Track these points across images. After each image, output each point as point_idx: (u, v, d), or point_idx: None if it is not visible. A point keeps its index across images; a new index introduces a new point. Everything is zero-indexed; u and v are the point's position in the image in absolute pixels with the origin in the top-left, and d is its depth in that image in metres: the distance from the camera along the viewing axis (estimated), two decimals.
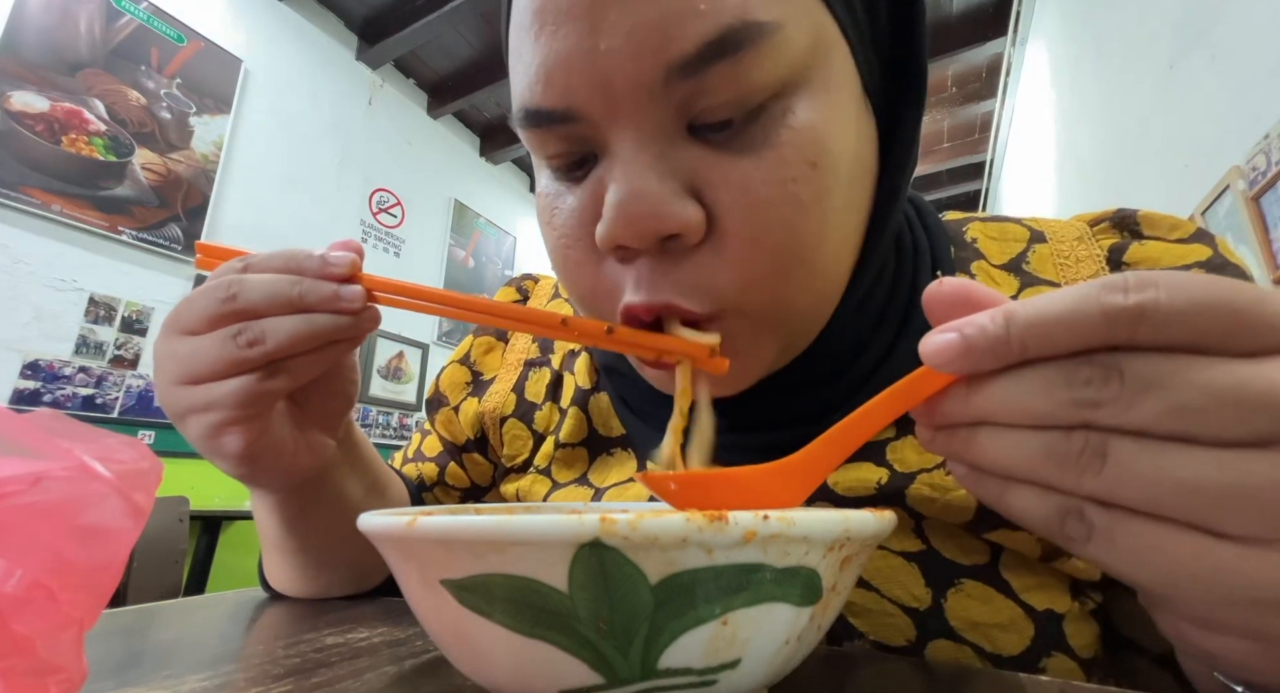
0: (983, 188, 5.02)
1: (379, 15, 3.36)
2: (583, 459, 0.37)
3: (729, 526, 0.14)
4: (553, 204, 0.26)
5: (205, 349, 0.25)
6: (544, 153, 0.26)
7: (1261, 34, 1.49)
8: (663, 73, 0.21)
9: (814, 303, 0.27)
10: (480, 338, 0.45)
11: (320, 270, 0.25)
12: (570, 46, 0.22)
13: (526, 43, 0.23)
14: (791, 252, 0.23)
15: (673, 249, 0.24)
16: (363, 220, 3.41)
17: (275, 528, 0.35)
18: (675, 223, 0.22)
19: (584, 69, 0.22)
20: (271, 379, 0.25)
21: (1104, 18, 2.37)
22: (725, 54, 0.21)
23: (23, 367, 2.06)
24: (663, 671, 0.15)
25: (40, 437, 0.14)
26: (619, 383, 0.36)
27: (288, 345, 0.25)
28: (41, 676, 0.13)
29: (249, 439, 0.26)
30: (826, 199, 0.23)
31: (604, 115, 0.23)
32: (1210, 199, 1.72)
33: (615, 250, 0.24)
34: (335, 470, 0.34)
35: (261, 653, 0.25)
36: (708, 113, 0.22)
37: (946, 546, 0.28)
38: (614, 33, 0.21)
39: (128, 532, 0.14)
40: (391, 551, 0.17)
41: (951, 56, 3.43)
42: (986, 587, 0.27)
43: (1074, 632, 0.26)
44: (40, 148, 2.13)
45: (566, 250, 0.26)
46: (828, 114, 0.23)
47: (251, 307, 0.25)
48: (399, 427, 3.45)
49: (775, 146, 0.22)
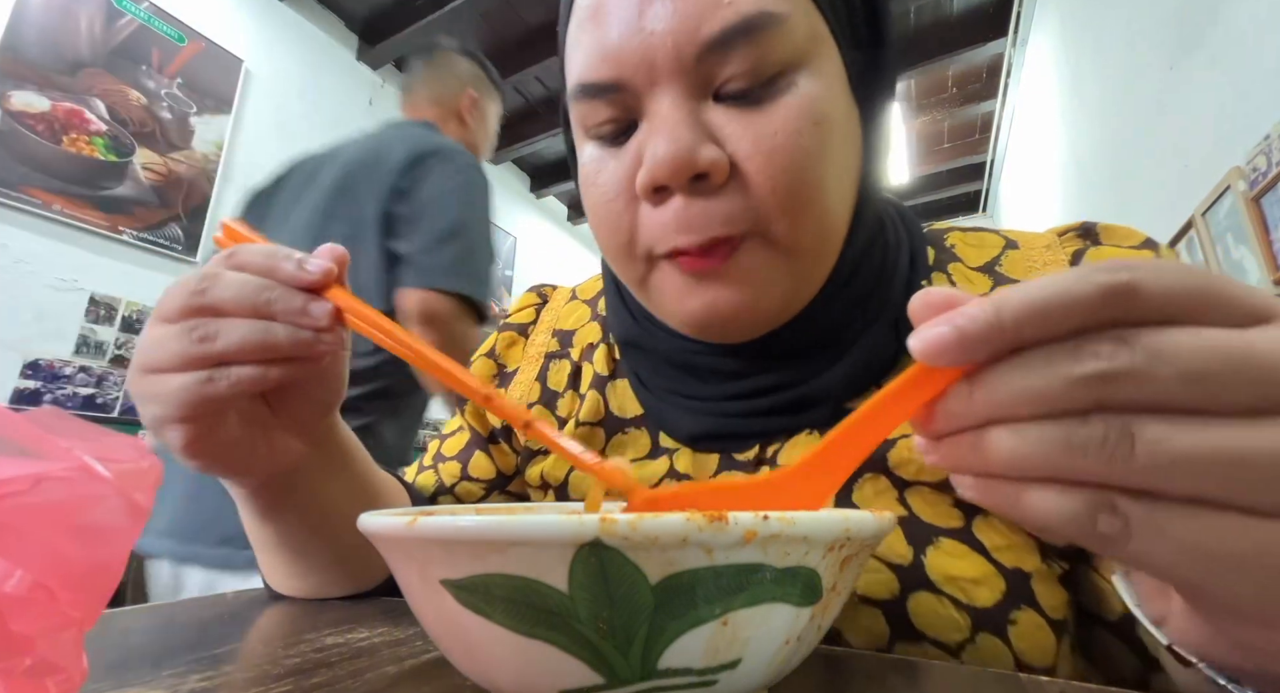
0: (983, 188, 5.02)
1: (380, 16, 3.36)
2: (600, 438, 0.40)
3: (729, 526, 0.14)
4: (597, 168, 0.31)
5: (165, 339, 0.25)
6: (593, 122, 0.31)
7: (1261, 34, 1.49)
8: (695, 49, 0.27)
9: (818, 245, 0.31)
10: (503, 333, 0.48)
11: (293, 275, 0.25)
12: (621, 32, 0.28)
13: (586, 32, 0.30)
14: (800, 191, 0.28)
15: (701, 189, 0.28)
16: None
17: (247, 520, 0.35)
18: (705, 162, 0.27)
19: (632, 49, 0.28)
20: (213, 384, 0.25)
21: (1104, 18, 2.37)
22: (745, 35, 0.27)
23: (23, 366, 2.06)
24: (663, 671, 0.15)
25: (40, 437, 0.14)
26: (635, 357, 0.39)
27: (236, 348, 0.25)
28: (41, 676, 0.13)
29: (189, 437, 0.26)
30: (826, 152, 0.29)
31: (646, 85, 0.28)
32: (1211, 200, 1.72)
33: (653, 195, 0.29)
34: (310, 473, 0.33)
35: (261, 653, 0.25)
36: (730, 82, 0.28)
37: (925, 511, 0.30)
38: (658, 20, 0.27)
39: (128, 532, 0.14)
40: (391, 550, 0.17)
41: (952, 57, 3.43)
42: (962, 545, 0.29)
43: (1042, 592, 0.29)
44: (41, 148, 2.13)
45: (609, 204, 0.31)
46: (824, 89, 0.29)
47: (218, 303, 0.25)
48: None
49: (784, 107, 0.28)
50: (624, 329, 0.40)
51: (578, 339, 0.45)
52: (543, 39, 3.44)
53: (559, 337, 0.46)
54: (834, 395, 0.33)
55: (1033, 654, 0.27)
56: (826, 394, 0.33)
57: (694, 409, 0.36)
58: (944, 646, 0.28)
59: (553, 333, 0.46)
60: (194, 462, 0.28)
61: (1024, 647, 0.27)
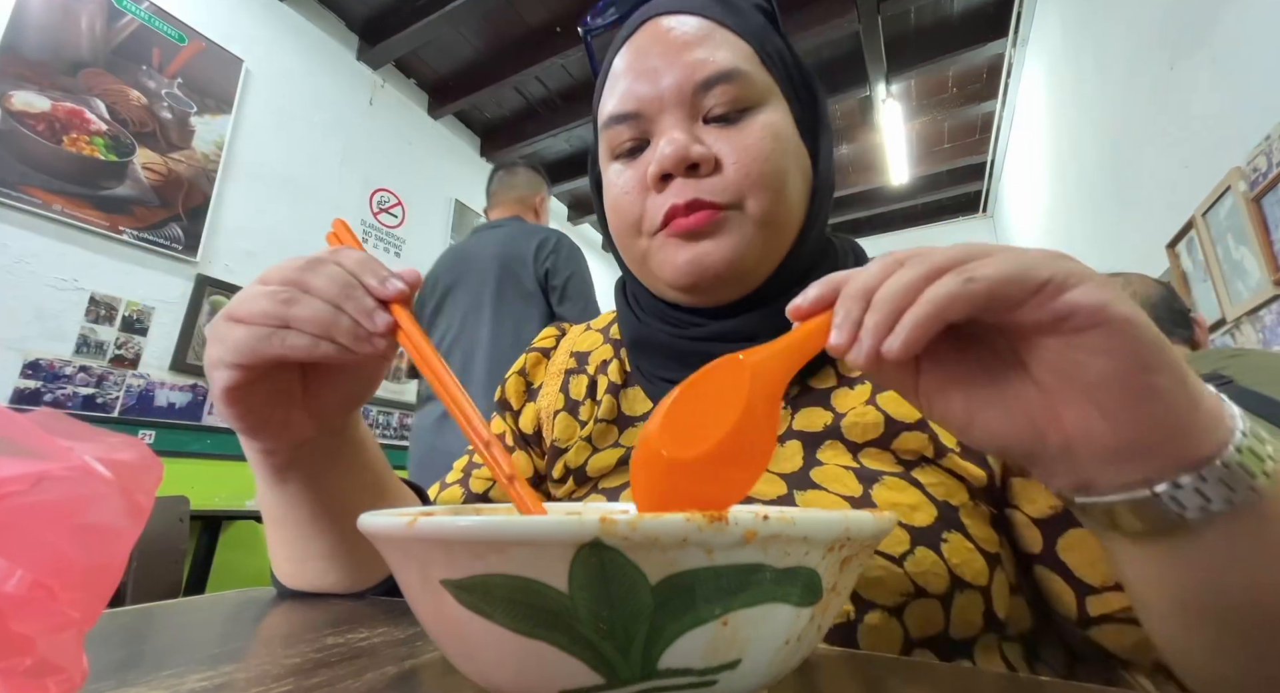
0: (983, 189, 5.02)
1: (380, 15, 3.36)
2: (614, 432, 0.48)
3: (729, 526, 0.14)
4: (619, 176, 0.43)
5: (256, 296, 0.29)
6: (618, 142, 0.43)
7: (1261, 34, 1.49)
8: (692, 87, 0.40)
9: (781, 220, 0.41)
10: (530, 354, 0.57)
11: (374, 285, 0.30)
12: (644, 81, 0.41)
13: (620, 80, 0.43)
14: (766, 179, 0.39)
15: (694, 175, 0.39)
16: (363, 220, 3.41)
17: (260, 487, 0.38)
18: (697, 154, 0.39)
19: (651, 88, 0.41)
20: (268, 341, 0.28)
21: (1104, 19, 2.37)
22: (724, 80, 0.40)
23: (23, 366, 2.06)
24: (663, 671, 0.15)
25: (40, 437, 0.14)
26: (640, 354, 0.47)
27: (304, 318, 0.28)
28: (41, 675, 0.13)
29: (231, 383, 0.30)
30: (784, 157, 0.40)
31: (657, 113, 0.41)
32: (1211, 200, 1.72)
33: (660, 182, 0.40)
34: (319, 456, 0.36)
35: (261, 653, 0.25)
36: (714, 110, 0.40)
37: (873, 462, 0.37)
38: (669, 73, 0.40)
39: (128, 532, 0.14)
40: (392, 550, 0.17)
41: (952, 57, 3.43)
42: (902, 481, 0.35)
43: (971, 524, 0.34)
44: (41, 147, 2.14)
45: (627, 196, 0.42)
46: (779, 119, 0.41)
47: (309, 283, 0.29)
48: (399, 427, 3.45)
49: (753, 125, 0.40)
50: (632, 330, 0.48)
51: (593, 358, 0.53)
52: (543, 39, 3.43)
53: (576, 356, 0.54)
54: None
55: (964, 570, 0.32)
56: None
57: None
58: (888, 557, 0.32)
59: (570, 354, 0.55)
60: (225, 408, 0.31)
61: (956, 562, 0.32)
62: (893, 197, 5.16)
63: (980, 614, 0.32)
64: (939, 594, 0.31)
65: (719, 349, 0.41)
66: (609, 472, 0.45)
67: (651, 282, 0.44)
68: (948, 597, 0.31)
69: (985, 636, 0.32)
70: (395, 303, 0.29)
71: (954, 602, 0.31)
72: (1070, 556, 0.33)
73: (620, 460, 0.44)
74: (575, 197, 5.14)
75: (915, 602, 0.31)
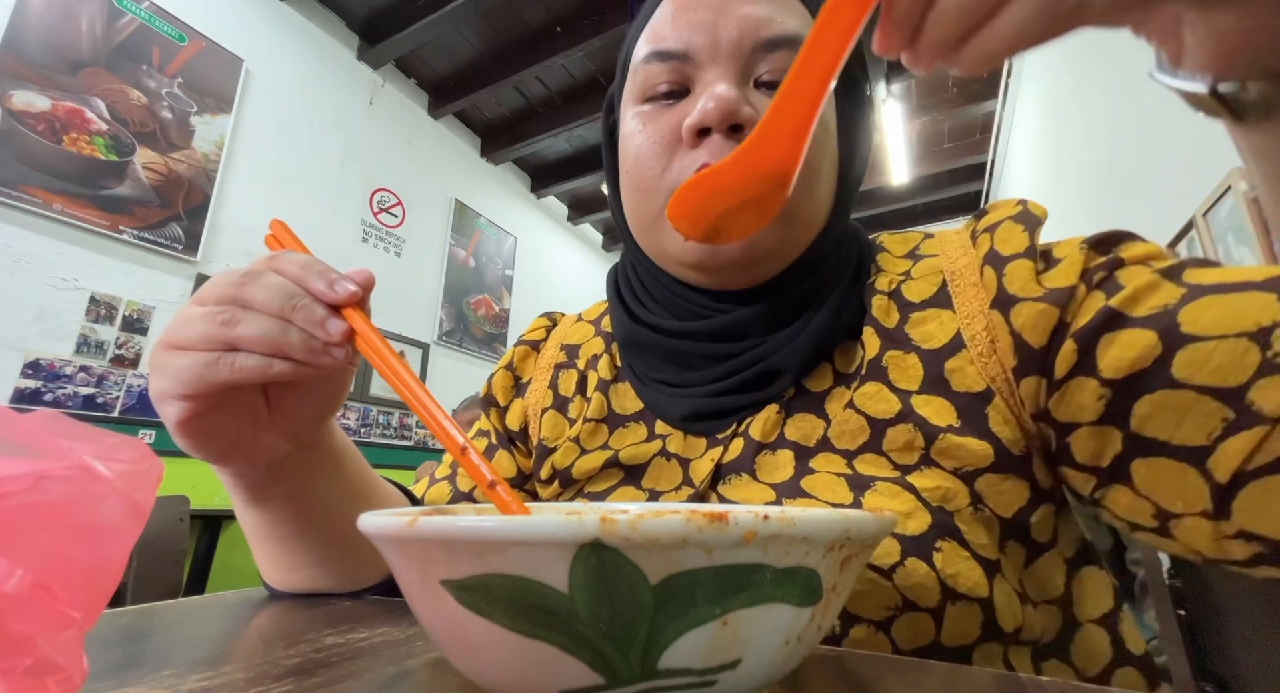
0: (984, 189, 5.02)
1: (380, 15, 3.36)
2: (604, 431, 0.45)
3: (729, 526, 0.14)
4: (645, 121, 0.39)
5: (193, 319, 0.27)
6: (653, 82, 0.39)
7: None
8: (751, 44, 0.37)
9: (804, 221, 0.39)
10: (518, 348, 0.55)
11: (321, 290, 0.27)
12: (700, 18, 0.38)
13: (672, 14, 0.39)
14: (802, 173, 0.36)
15: (734, 137, 0.36)
16: (363, 220, 3.41)
17: (236, 506, 0.36)
18: (744, 115, 0.36)
19: (705, 32, 0.37)
20: (216, 367, 0.27)
21: None
22: (785, 45, 0.37)
23: (24, 366, 2.06)
24: (663, 671, 0.15)
25: (40, 437, 0.14)
26: (632, 354, 0.46)
27: (250, 338, 0.27)
28: (41, 675, 0.12)
29: (184, 415, 0.28)
30: (821, 151, 0.38)
31: (709, 59, 0.38)
32: (1212, 200, 1.72)
33: (695, 136, 0.37)
34: (297, 470, 0.34)
35: (261, 653, 0.25)
36: (766, 75, 0.38)
37: (867, 468, 0.35)
38: (731, 22, 0.37)
39: (128, 532, 0.14)
40: (391, 551, 0.17)
41: None
42: (895, 486, 0.33)
43: (969, 529, 0.32)
44: (41, 147, 2.14)
45: (652, 145, 0.39)
46: (826, 108, 0.36)
47: (250, 298, 0.27)
48: (399, 427, 3.45)
49: None
50: (624, 331, 0.46)
51: (583, 351, 0.51)
52: (543, 39, 3.44)
53: (566, 350, 0.52)
54: (792, 368, 0.39)
55: (959, 581, 0.30)
56: (786, 367, 0.39)
57: (680, 394, 0.42)
58: (878, 569, 0.30)
59: (561, 347, 0.52)
60: (183, 441, 0.29)
61: (950, 572, 0.30)
62: (893, 196, 5.15)
63: (977, 625, 0.30)
64: (930, 607, 0.30)
65: (711, 350, 0.41)
66: (595, 475, 0.43)
67: (657, 249, 0.41)
68: (939, 610, 0.30)
69: (986, 644, 0.31)
70: (348, 307, 0.27)
71: (946, 614, 0.30)
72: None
73: (607, 463, 0.42)
74: (575, 197, 5.14)
75: (904, 616, 0.30)
